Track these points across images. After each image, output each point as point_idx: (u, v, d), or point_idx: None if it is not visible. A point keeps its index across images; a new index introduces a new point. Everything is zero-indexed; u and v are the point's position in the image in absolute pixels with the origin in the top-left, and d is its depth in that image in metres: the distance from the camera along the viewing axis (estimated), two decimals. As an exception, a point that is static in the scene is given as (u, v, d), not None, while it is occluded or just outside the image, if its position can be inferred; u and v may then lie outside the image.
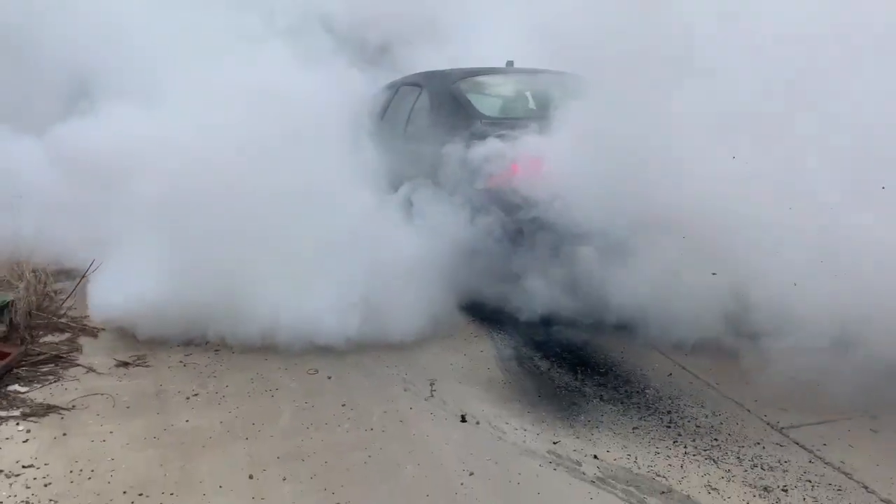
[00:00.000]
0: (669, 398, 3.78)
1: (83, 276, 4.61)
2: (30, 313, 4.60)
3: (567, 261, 4.52)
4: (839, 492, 2.96)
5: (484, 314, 4.80)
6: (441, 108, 5.55)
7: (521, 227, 4.59)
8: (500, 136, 4.77)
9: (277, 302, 4.25)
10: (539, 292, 4.55)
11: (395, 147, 5.69)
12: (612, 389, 3.89)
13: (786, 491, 2.96)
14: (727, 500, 2.89)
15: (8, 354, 4.03)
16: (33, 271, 5.11)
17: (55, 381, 3.89)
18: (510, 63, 6.20)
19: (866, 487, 2.99)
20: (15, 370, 3.98)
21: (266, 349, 4.25)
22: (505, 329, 4.63)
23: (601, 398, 3.78)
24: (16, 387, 3.81)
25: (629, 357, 4.28)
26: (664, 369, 4.11)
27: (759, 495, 2.92)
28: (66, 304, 4.75)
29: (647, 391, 3.86)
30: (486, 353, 4.35)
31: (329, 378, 3.96)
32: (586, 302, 4.50)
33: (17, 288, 4.87)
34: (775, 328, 4.06)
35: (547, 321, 4.52)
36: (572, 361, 4.21)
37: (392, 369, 4.07)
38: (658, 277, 4.41)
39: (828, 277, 3.79)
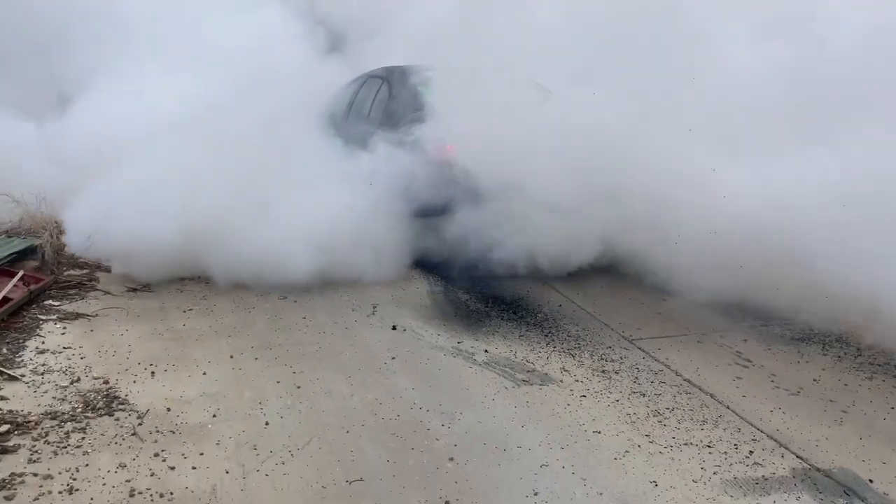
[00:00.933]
0: (554, 319, 4.94)
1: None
2: (56, 253, 5.69)
3: (489, 219, 5.63)
4: (656, 374, 4.12)
5: (424, 263, 5.91)
6: (398, 97, 6.68)
7: (455, 192, 5.70)
8: (439, 123, 5.90)
9: (260, 247, 5.31)
10: (468, 245, 5.64)
11: (360, 126, 6.83)
12: (512, 313, 5.05)
13: (617, 373, 4.12)
14: (573, 376, 4.05)
15: (42, 280, 5.14)
16: (56, 223, 6.18)
17: (80, 299, 5.00)
18: None
19: (676, 373, 4.15)
20: (48, 291, 5.08)
21: (247, 283, 5.32)
22: (439, 273, 5.76)
23: (501, 318, 4.94)
24: (50, 302, 4.92)
25: (532, 294, 5.43)
26: (557, 302, 5.28)
27: (596, 375, 4.08)
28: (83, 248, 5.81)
29: (538, 315, 5.02)
30: (421, 289, 5.50)
31: (295, 301, 5.08)
32: (507, 253, 5.62)
33: (42, 235, 5.95)
34: (650, 276, 5.27)
35: (474, 268, 5.61)
36: (486, 295, 5.35)
37: (346, 297, 5.20)
38: (563, 233, 5.57)
39: (692, 233, 4.96)
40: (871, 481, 3.11)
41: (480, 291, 5.44)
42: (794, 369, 4.24)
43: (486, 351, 4.36)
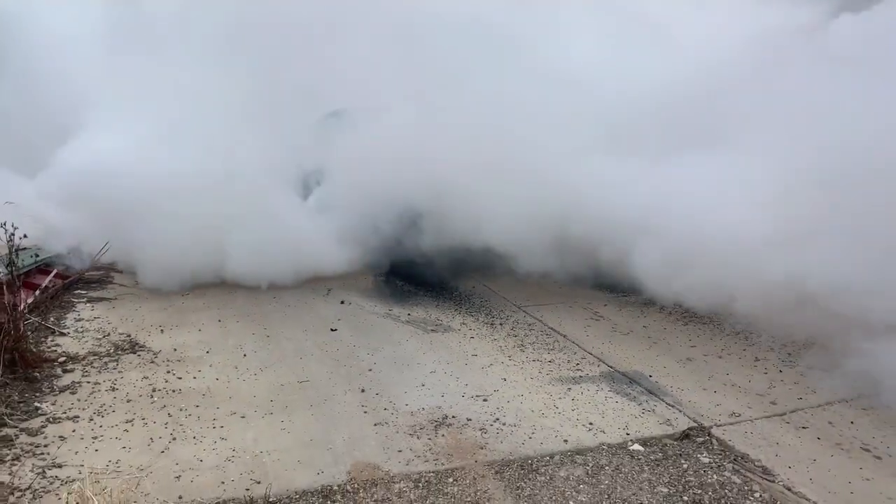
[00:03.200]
0: (466, 296, 6.50)
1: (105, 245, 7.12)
2: (79, 259, 7.18)
3: (423, 229, 7.17)
4: (529, 325, 5.67)
5: (372, 263, 7.43)
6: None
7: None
8: None
9: (248, 254, 6.75)
10: (409, 247, 7.16)
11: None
12: (435, 292, 6.60)
13: (501, 325, 5.67)
14: (469, 327, 5.59)
15: (71, 276, 6.64)
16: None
17: (102, 289, 6.50)
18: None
19: (545, 324, 5.70)
20: (76, 284, 6.57)
21: (233, 283, 6.79)
22: (383, 268, 7.29)
23: (426, 296, 6.49)
24: (79, 290, 6.41)
25: (456, 281, 6.97)
26: (472, 285, 6.84)
27: (486, 326, 5.62)
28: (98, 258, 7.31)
29: (454, 293, 6.58)
30: (367, 279, 7.04)
31: (268, 290, 6.59)
32: (439, 251, 7.14)
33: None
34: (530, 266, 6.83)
35: (412, 264, 7.12)
36: (418, 282, 6.89)
37: (308, 286, 6.71)
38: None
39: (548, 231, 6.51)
40: (650, 376, 4.66)
41: (414, 279, 6.97)
42: (633, 321, 5.81)
43: (409, 314, 5.90)
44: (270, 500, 3.16)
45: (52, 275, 6.45)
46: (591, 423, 3.98)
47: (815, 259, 4.91)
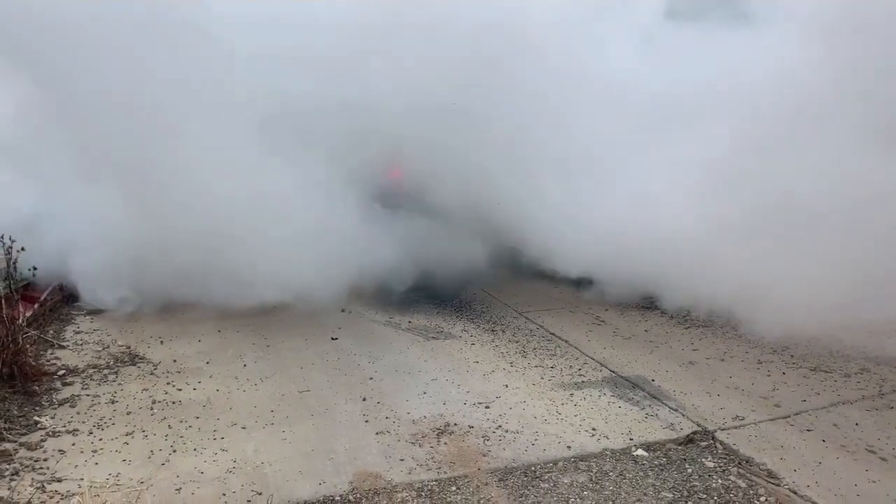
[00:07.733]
0: (467, 302, 6.48)
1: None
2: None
3: (426, 232, 7.13)
4: (531, 331, 5.65)
5: (375, 269, 7.40)
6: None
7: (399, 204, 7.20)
8: None
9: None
10: (412, 253, 7.12)
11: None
12: (436, 300, 6.57)
13: (503, 331, 5.64)
14: (470, 334, 5.56)
15: (68, 289, 6.61)
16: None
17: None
18: None
19: (546, 329, 5.67)
20: (75, 296, 6.55)
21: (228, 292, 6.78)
22: (386, 274, 7.25)
23: (427, 303, 6.47)
24: (79, 304, 6.39)
25: (458, 290, 6.94)
26: (473, 292, 6.82)
27: (487, 333, 5.60)
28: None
29: (455, 300, 6.56)
30: (369, 286, 7.00)
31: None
32: (441, 259, 7.11)
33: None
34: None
35: (415, 271, 7.07)
36: (420, 290, 6.85)
37: (307, 294, 6.68)
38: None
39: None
40: (653, 380, 4.64)
41: (416, 287, 6.93)
42: (634, 325, 5.79)
43: (409, 322, 5.88)
44: (272, 511, 3.14)
45: (50, 288, 6.42)
46: (594, 429, 3.95)
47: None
